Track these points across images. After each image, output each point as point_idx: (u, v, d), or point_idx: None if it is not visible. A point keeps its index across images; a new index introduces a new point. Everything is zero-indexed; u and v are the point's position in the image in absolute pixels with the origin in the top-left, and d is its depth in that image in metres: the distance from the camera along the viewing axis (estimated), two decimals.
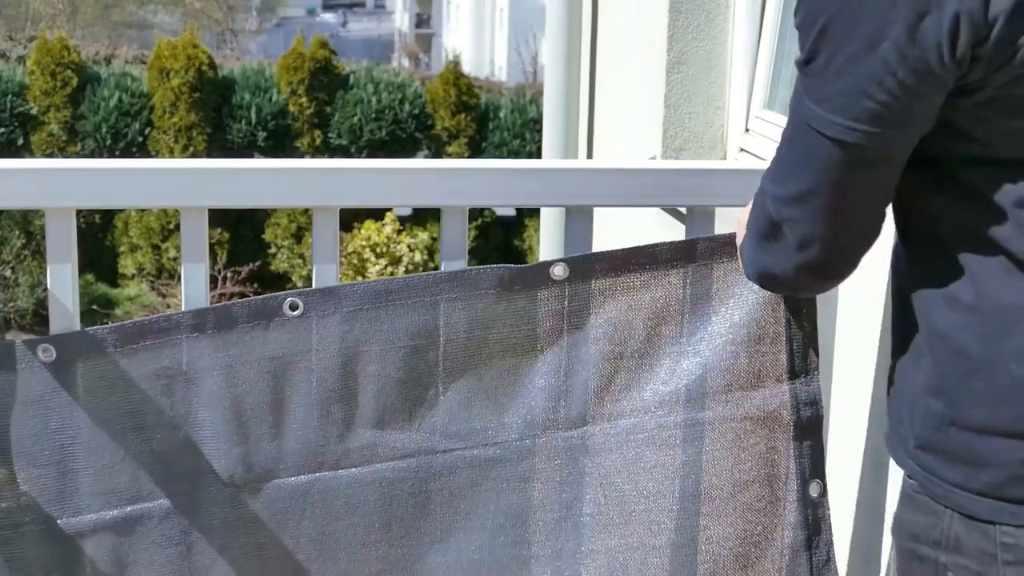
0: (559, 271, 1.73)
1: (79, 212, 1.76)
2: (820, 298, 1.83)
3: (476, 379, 1.75)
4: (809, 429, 1.79)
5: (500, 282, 1.73)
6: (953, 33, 1.18)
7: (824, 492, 1.80)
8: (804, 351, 1.78)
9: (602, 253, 1.75)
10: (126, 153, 13.02)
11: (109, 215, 13.18)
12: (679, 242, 1.76)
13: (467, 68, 15.00)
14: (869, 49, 1.21)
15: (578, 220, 1.83)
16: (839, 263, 1.42)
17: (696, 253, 1.75)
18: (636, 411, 1.76)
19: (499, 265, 1.75)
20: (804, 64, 1.28)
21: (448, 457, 1.76)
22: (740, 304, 1.76)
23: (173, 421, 1.70)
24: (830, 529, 1.81)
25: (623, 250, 1.75)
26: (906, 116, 1.25)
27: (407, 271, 12.32)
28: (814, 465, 1.79)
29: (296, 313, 1.70)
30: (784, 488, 1.78)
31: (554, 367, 1.75)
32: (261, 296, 1.72)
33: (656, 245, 1.75)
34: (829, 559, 1.81)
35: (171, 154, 12.98)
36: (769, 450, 1.77)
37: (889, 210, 1.39)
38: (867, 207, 1.35)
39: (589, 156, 4.08)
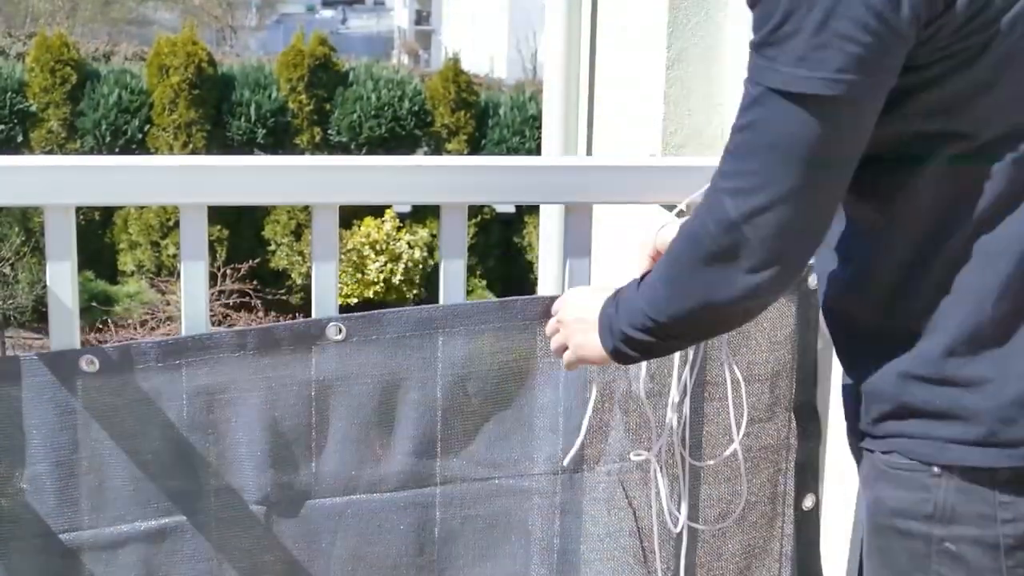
0: None
1: (78, 209, 1.76)
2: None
3: (516, 409, 1.76)
4: (809, 448, 1.87)
5: (544, 312, 1.73)
6: None
7: (817, 503, 1.89)
8: (809, 379, 1.86)
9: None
10: (125, 150, 13.02)
11: (108, 212, 13.18)
12: None
13: (466, 65, 14.99)
14: None
15: (577, 217, 1.83)
16: (801, 258, 1.35)
17: None
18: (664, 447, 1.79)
19: (542, 296, 1.76)
20: (773, 32, 1.27)
21: (485, 485, 1.77)
22: (764, 342, 1.81)
23: (209, 437, 1.70)
24: (818, 536, 1.89)
25: None
26: (884, 62, 1.25)
27: (407, 268, 12.33)
28: (810, 480, 1.88)
29: (339, 338, 1.70)
30: (783, 504, 1.86)
31: (596, 401, 1.76)
32: (304, 320, 1.72)
33: None
34: (816, 562, 1.90)
35: (170, 151, 12.98)
36: (775, 472, 1.85)
37: None
38: (831, 194, 1.32)
39: (589, 153, 4.08)
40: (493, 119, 14.08)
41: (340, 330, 1.70)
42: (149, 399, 1.68)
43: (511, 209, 13.38)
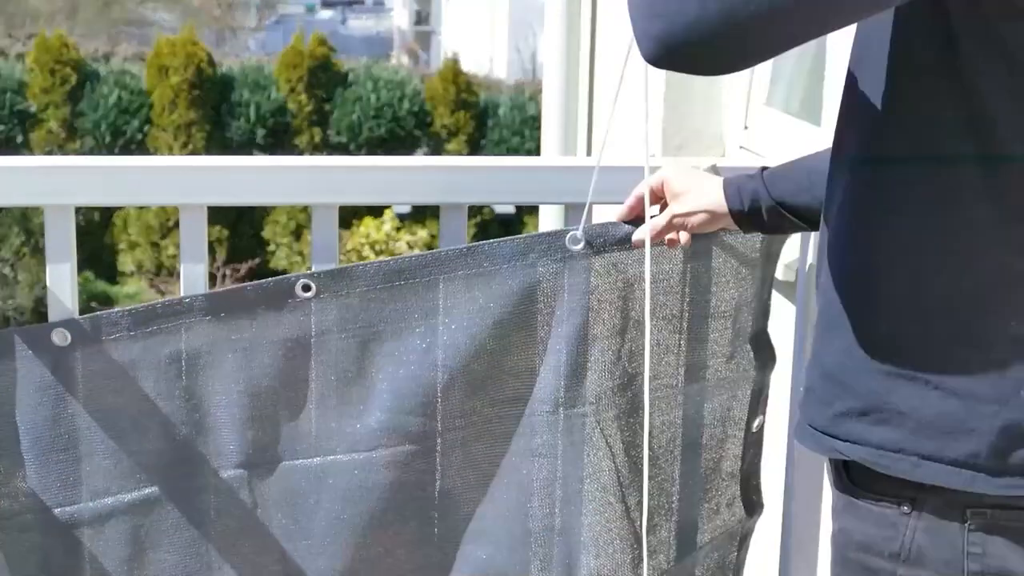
0: (575, 241, 1.73)
1: (78, 209, 1.76)
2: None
3: (491, 356, 1.74)
4: (764, 376, 1.90)
5: (516, 254, 1.72)
6: None
7: (763, 425, 1.93)
8: (763, 309, 1.89)
9: (618, 224, 1.76)
10: (125, 150, 13.02)
11: (108, 212, 13.17)
12: None
13: (466, 65, 15.00)
14: None
15: (577, 218, 1.83)
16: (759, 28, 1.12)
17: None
18: (638, 381, 1.80)
19: (514, 237, 1.75)
20: None
21: (463, 433, 1.76)
22: (731, 278, 1.82)
23: (187, 404, 1.70)
24: (761, 452, 1.94)
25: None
26: None
27: None
28: (761, 404, 1.91)
29: (309, 295, 1.70)
30: (734, 427, 1.89)
31: (569, 341, 1.75)
32: (273, 278, 1.71)
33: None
34: (757, 481, 1.95)
35: (170, 151, 12.98)
36: (730, 399, 1.88)
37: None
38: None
39: (588, 154, 4.08)
40: (493, 119, 14.08)
41: (309, 287, 1.69)
42: (123, 369, 1.68)
43: (511, 209, 13.38)
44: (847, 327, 1.31)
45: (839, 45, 2.53)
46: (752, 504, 1.93)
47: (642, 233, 1.74)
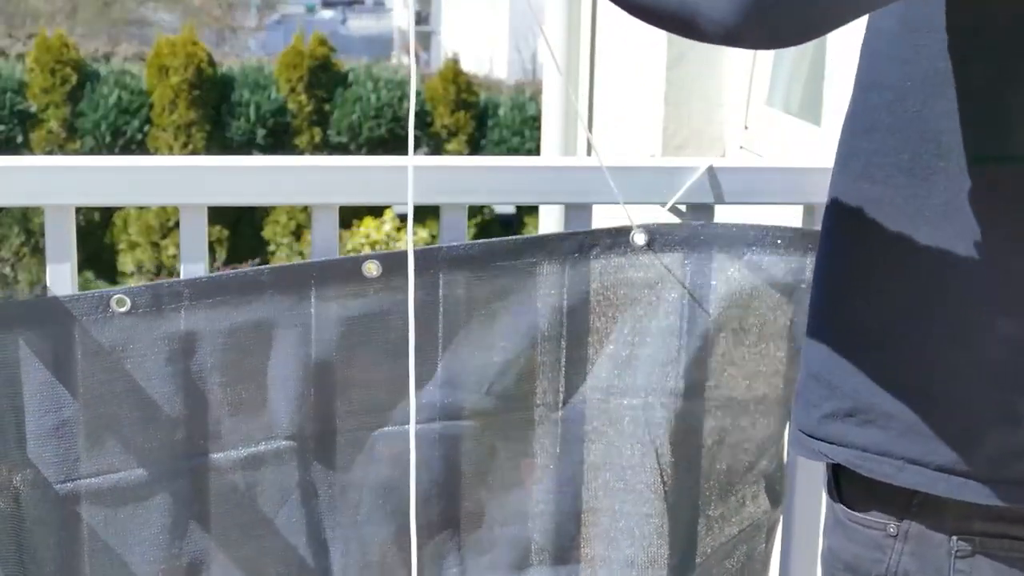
0: (640, 238, 1.76)
1: (78, 210, 1.76)
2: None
3: (549, 343, 1.77)
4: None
5: (581, 247, 1.76)
6: None
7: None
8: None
9: (683, 225, 1.78)
10: (125, 150, 13.03)
11: (108, 213, 13.18)
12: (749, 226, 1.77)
13: (466, 65, 15.00)
14: None
15: (577, 218, 1.83)
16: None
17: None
18: (688, 385, 1.79)
19: (580, 231, 1.77)
20: None
21: (517, 416, 1.78)
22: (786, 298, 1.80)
23: (246, 377, 1.70)
24: (783, 450, 1.91)
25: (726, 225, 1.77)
26: None
27: None
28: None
29: (374, 275, 1.71)
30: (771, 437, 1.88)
31: (622, 334, 1.78)
32: (339, 257, 1.72)
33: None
34: (781, 473, 1.91)
35: (170, 151, 12.99)
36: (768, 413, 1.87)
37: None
38: None
39: (588, 154, 4.08)
40: (493, 119, 14.09)
41: (375, 267, 1.70)
42: (182, 338, 1.67)
43: (511, 209, 13.39)
44: (833, 326, 1.29)
45: (839, 45, 2.52)
46: (776, 495, 1.93)
47: None
